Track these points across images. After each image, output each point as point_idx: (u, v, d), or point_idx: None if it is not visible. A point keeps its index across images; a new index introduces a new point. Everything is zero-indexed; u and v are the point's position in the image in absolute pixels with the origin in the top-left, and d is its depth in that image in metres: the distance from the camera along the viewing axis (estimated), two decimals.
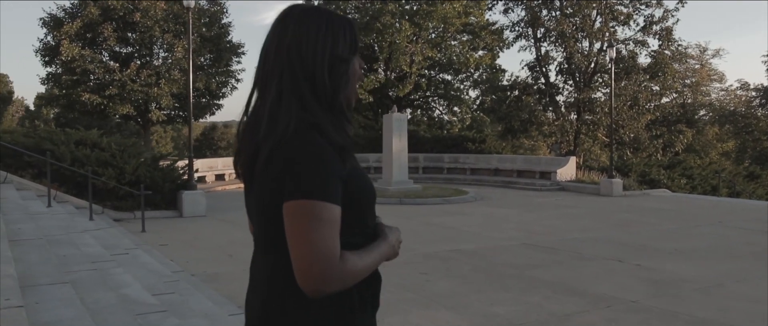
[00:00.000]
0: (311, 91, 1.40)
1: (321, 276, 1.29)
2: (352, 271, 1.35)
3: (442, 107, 39.93)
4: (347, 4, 35.60)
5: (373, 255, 1.45)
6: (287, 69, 1.40)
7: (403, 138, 19.89)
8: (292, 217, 1.31)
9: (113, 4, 24.97)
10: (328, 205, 1.31)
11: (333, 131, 1.39)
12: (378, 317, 5.40)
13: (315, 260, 1.28)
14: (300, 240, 1.29)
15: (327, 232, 1.30)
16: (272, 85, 1.41)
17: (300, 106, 1.38)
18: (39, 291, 4.21)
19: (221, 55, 28.75)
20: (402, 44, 32.70)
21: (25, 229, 6.69)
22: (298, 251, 1.30)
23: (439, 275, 8.56)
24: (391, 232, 1.58)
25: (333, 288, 1.32)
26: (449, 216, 14.60)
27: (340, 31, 1.44)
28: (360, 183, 1.45)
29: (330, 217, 1.31)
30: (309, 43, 1.40)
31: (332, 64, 1.41)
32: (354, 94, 1.52)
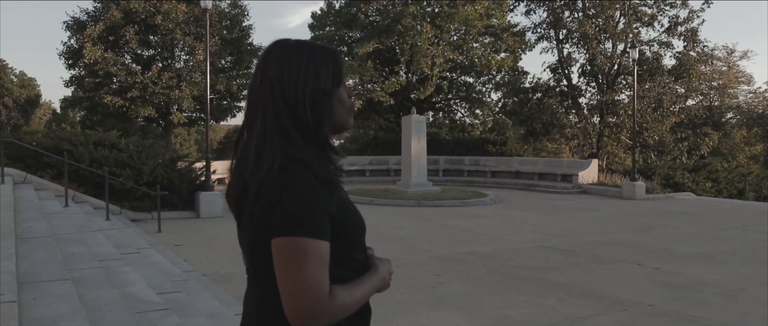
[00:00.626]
0: (295, 126, 1.41)
1: (310, 312, 1.30)
2: (342, 306, 1.36)
3: (463, 110, 39.77)
4: (368, 6, 35.62)
5: (362, 288, 1.45)
6: (270, 104, 1.42)
7: (422, 140, 19.77)
8: (281, 254, 1.31)
9: (135, 7, 25.21)
10: (316, 241, 1.32)
11: (318, 165, 1.40)
12: (386, 318, 5.31)
13: (304, 297, 1.29)
14: (288, 278, 1.30)
15: (315, 269, 1.30)
16: (257, 121, 1.43)
17: (284, 141, 1.40)
18: (39, 288, 4.19)
19: (242, 58, 28.87)
20: (423, 46, 32.60)
21: (36, 228, 6.71)
22: (287, 288, 1.31)
23: (453, 277, 8.43)
24: (382, 264, 1.57)
25: (322, 323, 1.32)
26: (466, 219, 14.46)
27: (322, 64, 1.45)
28: (348, 216, 1.45)
29: (318, 253, 1.31)
30: (290, 78, 1.42)
31: (314, 97, 1.42)
32: (346, 121, 1.53)
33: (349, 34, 37.77)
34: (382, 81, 35.37)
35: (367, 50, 33.57)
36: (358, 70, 34.43)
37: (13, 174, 11.46)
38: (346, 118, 1.52)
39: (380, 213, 15.65)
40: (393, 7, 34.24)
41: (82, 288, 4.75)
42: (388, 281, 1.57)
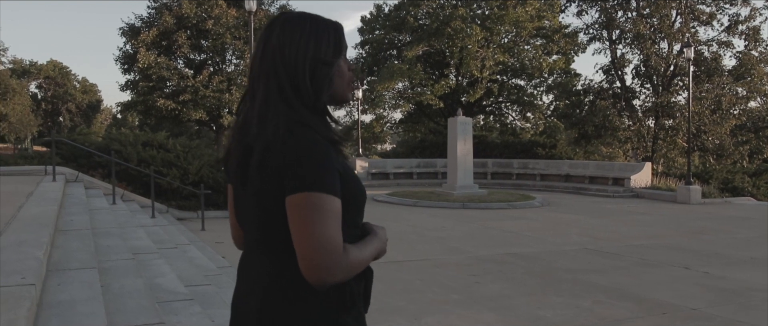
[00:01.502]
0: (295, 93, 1.43)
1: (326, 266, 1.31)
2: (354, 263, 1.38)
3: (514, 113, 39.28)
4: (418, 9, 35.58)
5: (368, 248, 1.48)
6: (272, 72, 1.44)
7: (468, 142, 19.58)
8: (297, 210, 1.32)
9: (187, 13, 25.84)
10: (331, 197, 1.33)
11: (322, 128, 1.43)
12: (416, 315, 5.24)
13: (322, 252, 1.30)
14: (305, 232, 1.31)
15: (331, 223, 1.32)
16: (260, 88, 1.45)
17: (287, 107, 1.42)
18: (65, 275, 4.28)
19: None
20: (473, 49, 32.36)
21: (77, 221, 6.90)
22: (305, 243, 1.31)
23: (490, 278, 8.28)
24: (380, 230, 1.61)
25: (337, 278, 1.34)
26: (511, 221, 14.22)
27: (323, 35, 1.47)
28: (351, 181, 1.47)
29: (333, 209, 1.33)
30: (291, 47, 1.44)
31: (314, 66, 1.45)
32: (345, 94, 1.55)
33: (399, 37, 37.82)
34: (432, 84, 35.28)
35: (416, 53, 33.53)
36: (408, 73, 34.42)
37: (65, 173, 11.84)
38: (345, 91, 1.54)
39: (424, 214, 15.57)
40: (442, 10, 34.13)
41: (109, 278, 4.84)
42: (386, 247, 1.61)
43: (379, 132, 38.99)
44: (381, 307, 6.75)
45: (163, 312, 4.40)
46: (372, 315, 5.36)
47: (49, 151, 11.45)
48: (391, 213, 16.01)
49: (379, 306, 6.80)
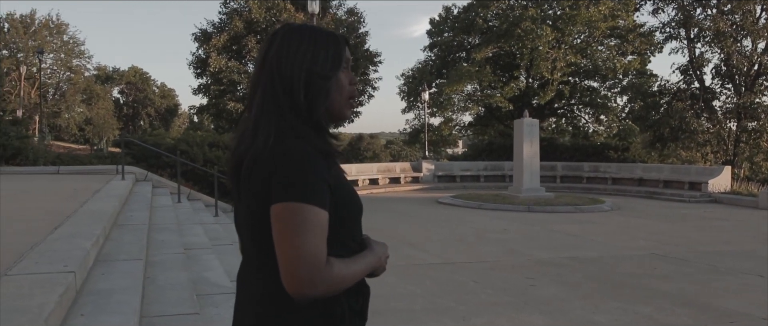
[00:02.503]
0: (290, 106, 1.41)
1: (306, 279, 1.28)
2: (338, 277, 1.34)
3: (587, 116, 38.24)
4: (487, 11, 35.19)
5: (359, 264, 1.43)
6: (269, 84, 1.43)
7: (535, 144, 19.18)
8: (278, 220, 1.30)
9: (256, 18, 26.44)
10: (314, 208, 1.30)
11: (315, 138, 1.41)
12: (464, 316, 5.14)
13: (301, 264, 1.28)
14: (286, 243, 1.29)
15: (313, 236, 1.29)
16: (256, 99, 1.45)
17: (280, 118, 1.40)
18: (111, 265, 4.43)
19: (358, 64, 29.42)
20: (543, 50, 31.72)
21: (137, 217, 7.14)
22: (285, 254, 1.29)
23: (547, 281, 8.06)
24: (378, 246, 1.55)
25: (318, 292, 1.31)
26: (577, 225, 13.81)
27: (321, 47, 1.45)
28: (345, 193, 1.43)
29: (317, 220, 1.30)
30: (288, 59, 1.43)
31: (309, 79, 1.43)
32: (342, 110, 1.51)
33: (468, 39, 37.49)
34: (501, 86, 34.77)
35: (485, 55, 33.14)
36: (476, 75, 34.04)
37: (135, 173, 12.32)
38: (343, 107, 1.51)
39: (487, 217, 15.35)
40: (512, 11, 33.59)
41: (156, 270, 4.97)
42: (384, 264, 1.56)
43: (448, 135, 38.71)
44: (429, 307, 6.68)
45: (202, 304, 4.48)
46: (419, 315, 5.32)
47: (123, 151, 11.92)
48: (453, 215, 15.87)
49: (427, 306, 6.74)
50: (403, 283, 7.87)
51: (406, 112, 39.76)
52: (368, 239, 1.55)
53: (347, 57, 1.51)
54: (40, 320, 2.64)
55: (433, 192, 22.85)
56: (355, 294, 1.46)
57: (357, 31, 29.76)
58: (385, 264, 1.56)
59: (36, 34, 43.27)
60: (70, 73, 45.88)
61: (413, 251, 10.33)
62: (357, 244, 1.49)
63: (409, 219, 15.02)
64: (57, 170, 12.29)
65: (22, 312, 2.73)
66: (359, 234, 1.52)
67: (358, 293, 1.47)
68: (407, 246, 10.85)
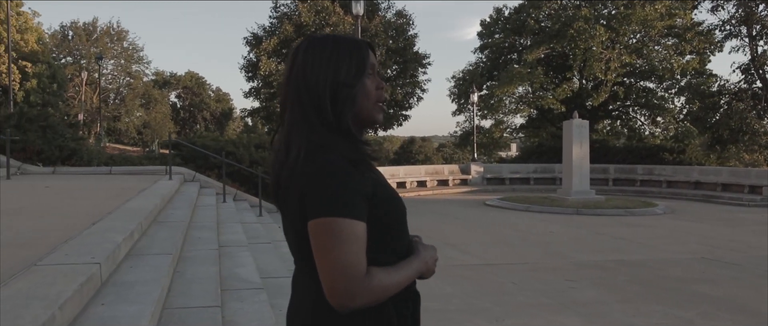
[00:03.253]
0: (318, 117, 1.43)
1: (345, 291, 1.30)
2: (380, 287, 1.34)
3: (643, 117, 37.25)
4: (539, 12, 34.71)
5: (403, 271, 1.43)
6: (296, 98, 1.45)
7: (585, 145, 18.77)
8: (315, 236, 1.32)
9: (306, 21, 26.74)
10: (348, 221, 1.31)
11: (345, 147, 1.41)
12: (499, 317, 5.09)
13: (338, 276, 1.30)
14: (323, 257, 1.31)
15: (349, 248, 1.30)
16: (287, 114, 1.48)
17: (309, 131, 1.42)
18: (141, 259, 4.54)
19: (407, 66, 29.41)
20: (597, 50, 31.06)
21: (177, 215, 7.30)
22: (323, 268, 1.32)
23: (587, 283, 7.88)
24: (426, 250, 1.55)
25: (359, 303, 1.32)
26: (626, 228, 13.45)
27: (344, 56, 1.46)
28: (386, 198, 1.43)
29: (352, 232, 1.31)
30: (312, 71, 1.44)
31: (334, 88, 1.43)
32: (371, 114, 1.51)
33: (519, 40, 37.04)
34: (553, 88, 34.19)
35: (537, 56, 32.68)
36: (528, 77, 33.58)
37: (183, 173, 12.62)
38: (372, 111, 1.50)
39: (533, 219, 15.11)
40: (564, 11, 33.01)
41: (186, 265, 5.08)
42: (432, 267, 1.56)
43: (499, 137, 38.29)
44: (464, 308, 6.61)
45: (227, 299, 4.55)
46: (453, 315, 5.29)
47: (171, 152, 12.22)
48: (499, 217, 15.69)
49: (462, 307, 6.67)
50: (440, 284, 7.82)
51: (457, 115, 39.61)
52: (416, 243, 1.56)
53: (372, 62, 1.51)
54: (54, 306, 2.73)
55: (481, 194, 22.65)
56: (404, 300, 1.46)
57: (405, 34, 29.74)
58: (433, 267, 1.57)
59: (98, 41, 44.91)
60: (130, 78, 47.41)
61: (454, 252, 10.26)
62: (403, 247, 1.49)
63: (453, 220, 14.92)
64: (109, 170, 12.71)
65: (40, 299, 2.82)
66: (405, 236, 1.52)
67: (407, 299, 1.48)
68: (449, 247, 10.78)
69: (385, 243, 1.42)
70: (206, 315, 3.67)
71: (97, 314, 3.13)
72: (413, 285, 1.50)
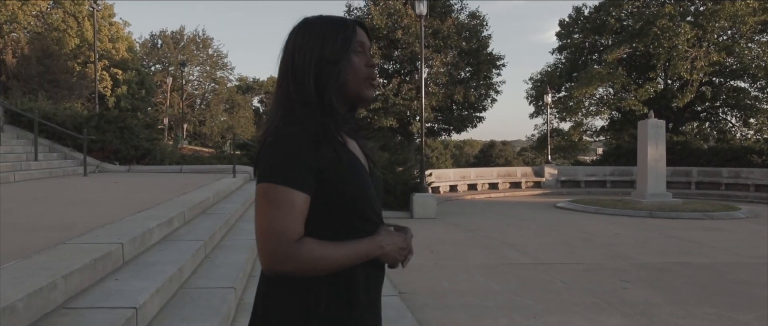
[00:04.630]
0: (300, 93, 1.46)
1: (274, 255, 1.33)
2: (308, 256, 1.35)
3: (734, 118, 35.35)
4: (620, 10, 33.62)
5: (343, 248, 1.41)
6: (284, 76, 1.50)
7: (660, 146, 18.02)
8: (256, 200, 1.38)
9: (378, 24, 26.98)
10: (288, 189, 1.35)
11: (312, 125, 1.42)
12: (537, 313, 5.05)
13: (267, 238, 1.33)
14: (257, 220, 1.36)
15: (282, 214, 1.33)
16: (275, 92, 1.53)
17: (287, 109, 1.46)
18: (172, 244, 4.76)
19: (480, 68, 29.15)
20: (682, 49, 29.77)
21: (226, 208, 7.57)
22: (256, 231, 1.36)
23: (642, 284, 7.59)
24: (387, 235, 1.50)
25: (285, 268, 1.34)
26: (700, 231, 12.82)
27: (331, 34, 1.50)
28: (344, 178, 1.43)
29: (288, 200, 1.34)
30: (301, 50, 1.48)
31: (319, 65, 1.47)
32: (360, 90, 1.53)
33: (599, 40, 35.99)
34: (635, 88, 32.99)
35: (617, 56, 31.65)
36: (608, 78, 32.54)
37: (249, 172, 13.02)
38: (361, 88, 1.52)
39: (602, 221, 14.65)
40: (647, 9, 31.81)
41: (220, 252, 5.28)
42: (393, 254, 1.50)
43: (578, 140, 37.28)
44: (505, 304, 6.52)
45: (251, 284, 4.71)
46: (490, 311, 5.28)
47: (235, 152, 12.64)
48: (567, 219, 15.31)
49: (503, 303, 6.58)
50: (486, 281, 7.74)
51: (534, 117, 38.89)
52: (381, 227, 1.52)
53: (361, 40, 1.53)
54: (57, 275, 2.92)
55: (554, 197, 22.15)
56: (341, 279, 1.43)
57: (479, 35, 29.48)
58: (396, 254, 1.51)
59: (184, 48, 46.99)
60: (215, 84, 49.27)
61: (510, 251, 10.11)
62: (367, 228, 1.48)
63: (517, 221, 14.67)
64: (180, 169, 13.30)
65: (48, 270, 3.03)
66: (372, 216, 1.50)
67: (346, 278, 1.44)
68: (507, 246, 10.64)
69: (346, 221, 1.43)
70: (218, 295, 3.81)
71: (108, 287, 3.32)
72: (367, 269, 1.46)
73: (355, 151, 1.52)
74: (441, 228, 13.01)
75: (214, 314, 3.40)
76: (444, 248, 10.39)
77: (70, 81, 28.78)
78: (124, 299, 3.07)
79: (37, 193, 7.94)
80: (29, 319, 2.58)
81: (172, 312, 3.41)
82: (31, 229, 4.58)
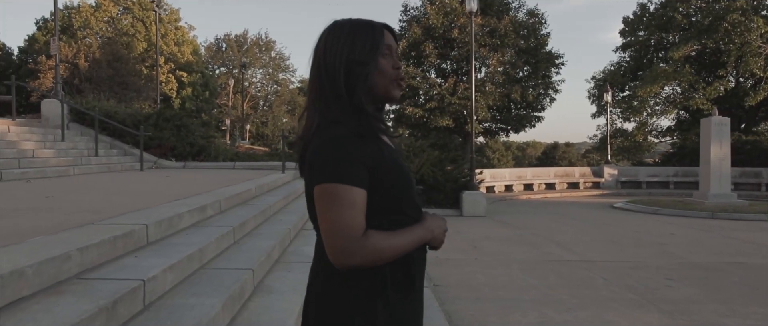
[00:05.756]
0: (333, 94, 1.53)
1: (341, 249, 1.40)
2: (375, 247, 1.43)
3: None
4: (688, 5, 32.48)
5: (402, 236, 1.50)
6: (316, 77, 1.56)
7: (725, 145, 17.31)
8: (318, 200, 1.44)
9: (434, 24, 26.90)
10: (344, 187, 1.41)
11: (352, 122, 1.50)
12: (571, 307, 5.03)
13: (335, 236, 1.40)
14: (323, 219, 1.43)
15: (346, 211, 1.40)
16: (309, 93, 1.59)
17: (325, 108, 1.52)
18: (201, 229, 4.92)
19: (538, 66, 28.65)
20: (755, 45, 28.51)
21: (267, 201, 7.73)
22: (323, 229, 1.43)
23: (688, 283, 7.35)
24: (433, 219, 1.62)
25: (355, 261, 1.42)
26: (762, 233, 12.22)
27: (359, 36, 1.56)
28: (390, 169, 1.51)
29: (348, 197, 1.41)
30: (331, 52, 1.55)
31: (349, 67, 1.53)
32: (388, 90, 1.59)
33: (666, 37, 34.84)
34: (703, 87, 31.77)
35: (684, 53, 30.55)
36: (674, 76, 31.47)
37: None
38: (388, 88, 1.59)
39: (657, 222, 14.21)
40: (717, 3, 30.57)
41: (250, 238, 5.41)
42: (440, 236, 1.62)
43: (642, 140, 36.15)
44: (539, 299, 6.45)
45: (277, 269, 4.86)
46: (524, 304, 5.29)
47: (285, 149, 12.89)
48: (620, 219, 14.92)
49: (537, 298, 6.51)
50: (524, 276, 7.66)
51: (596, 117, 37.98)
52: (424, 213, 1.63)
53: (389, 44, 1.59)
54: (72, 248, 3.09)
55: (613, 197, 21.59)
56: (400, 264, 1.52)
57: (538, 33, 28.98)
58: (441, 237, 1.62)
59: (247, 51, 48.15)
60: (277, 86, 50.26)
61: (556, 249, 9.95)
62: (409, 219, 1.56)
63: (569, 220, 14.39)
64: (233, 165, 13.67)
65: (67, 244, 3.21)
66: (412, 209, 1.58)
67: (404, 263, 1.53)
68: (553, 244, 10.48)
69: (389, 213, 1.49)
70: (234, 275, 3.92)
71: (125, 262, 3.48)
72: (417, 252, 1.55)
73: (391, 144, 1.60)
74: (489, 225, 12.91)
75: (224, 291, 3.51)
76: (488, 244, 10.32)
77: (138, 83, 29.94)
78: (136, 272, 3.21)
79: (90, 184, 8.34)
80: (40, 285, 2.75)
81: (185, 289, 3.54)
82: (70, 212, 4.83)
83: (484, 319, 5.66)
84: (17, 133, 11.27)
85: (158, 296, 3.28)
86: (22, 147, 10.25)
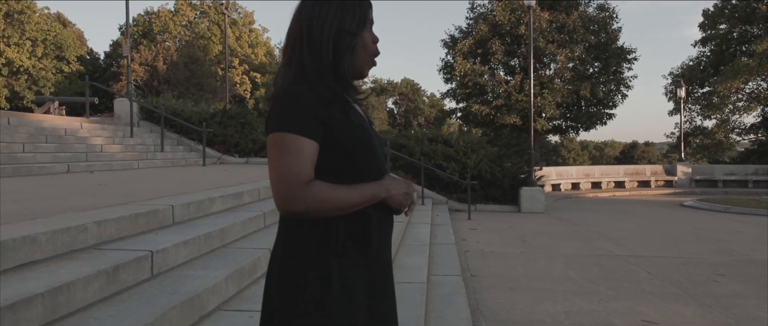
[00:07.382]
0: (315, 61, 1.56)
1: (284, 196, 1.44)
2: (318, 197, 1.45)
3: None
4: None
5: (351, 190, 1.51)
6: (297, 43, 1.59)
7: None
8: (268, 150, 1.50)
9: (501, 20, 26.60)
10: (293, 136, 1.45)
11: (320, 86, 1.52)
12: (603, 300, 5.10)
13: (280, 181, 1.45)
14: (270, 166, 1.47)
15: (292, 159, 1.44)
16: (284, 55, 1.63)
17: (299, 71, 1.55)
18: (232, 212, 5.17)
19: (609, 62, 27.84)
20: None
21: None
22: (270, 175, 1.47)
23: (738, 279, 7.09)
24: (393, 182, 1.62)
25: (298, 207, 1.45)
26: None
27: (349, 9, 1.60)
28: (351, 130, 1.54)
29: (297, 146, 1.45)
30: (318, 20, 1.57)
31: (338, 37, 1.57)
32: (363, 67, 1.65)
33: (750, 29, 33.20)
34: None
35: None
36: (759, 70, 29.95)
37: None
38: (365, 64, 1.64)
39: (726, 220, 13.63)
40: None
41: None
42: (400, 199, 1.61)
43: (723, 138, 34.55)
44: (575, 290, 6.39)
45: None
46: (557, 295, 5.37)
47: None
48: (686, 217, 14.40)
49: (573, 289, 6.45)
50: (566, 269, 7.58)
51: (673, 114, 36.51)
52: (387, 175, 1.63)
53: (371, 18, 1.63)
54: (90, 221, 3.37)
55: (685, 197, 20.78)
56: (356, 219, 1.53)
57: (608, 28, 28.17)
58: (402, 200, 1.61)
59: None
60: None
61: (606, 243, 9.77)
62: (379, 177, 1.59)
63: (629, 217, 14.00)
64: None
65: (90, 218, 3.50)
66: (375, 172, 1.59)
67: (360, 219, 1.54)
68: (605, 239, 10.28)
69: (347, 172, 1.52)
70: (248, 253, 4.13)
71: (144, 238, 3.74)
72: (375, 210, 1.55)
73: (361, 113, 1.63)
74: (544, 221, 12.75)
75: (232, 265, 3.72)
76: (538, 239, 10.21)
77: (214, 84, 31.09)
78: (148, 246, 3.46)
79: (147, 176, 8.80)
80: (54, 251, 3.02)
81: (198, 263, 3.77)
82: (111, 196, 5.18)
83: (512, 307, 5.67)
84: (89, 129, 12.03)
85: (169, 267, 3.52)
86: (91, 142, 10.94)
